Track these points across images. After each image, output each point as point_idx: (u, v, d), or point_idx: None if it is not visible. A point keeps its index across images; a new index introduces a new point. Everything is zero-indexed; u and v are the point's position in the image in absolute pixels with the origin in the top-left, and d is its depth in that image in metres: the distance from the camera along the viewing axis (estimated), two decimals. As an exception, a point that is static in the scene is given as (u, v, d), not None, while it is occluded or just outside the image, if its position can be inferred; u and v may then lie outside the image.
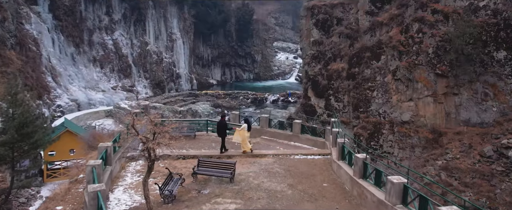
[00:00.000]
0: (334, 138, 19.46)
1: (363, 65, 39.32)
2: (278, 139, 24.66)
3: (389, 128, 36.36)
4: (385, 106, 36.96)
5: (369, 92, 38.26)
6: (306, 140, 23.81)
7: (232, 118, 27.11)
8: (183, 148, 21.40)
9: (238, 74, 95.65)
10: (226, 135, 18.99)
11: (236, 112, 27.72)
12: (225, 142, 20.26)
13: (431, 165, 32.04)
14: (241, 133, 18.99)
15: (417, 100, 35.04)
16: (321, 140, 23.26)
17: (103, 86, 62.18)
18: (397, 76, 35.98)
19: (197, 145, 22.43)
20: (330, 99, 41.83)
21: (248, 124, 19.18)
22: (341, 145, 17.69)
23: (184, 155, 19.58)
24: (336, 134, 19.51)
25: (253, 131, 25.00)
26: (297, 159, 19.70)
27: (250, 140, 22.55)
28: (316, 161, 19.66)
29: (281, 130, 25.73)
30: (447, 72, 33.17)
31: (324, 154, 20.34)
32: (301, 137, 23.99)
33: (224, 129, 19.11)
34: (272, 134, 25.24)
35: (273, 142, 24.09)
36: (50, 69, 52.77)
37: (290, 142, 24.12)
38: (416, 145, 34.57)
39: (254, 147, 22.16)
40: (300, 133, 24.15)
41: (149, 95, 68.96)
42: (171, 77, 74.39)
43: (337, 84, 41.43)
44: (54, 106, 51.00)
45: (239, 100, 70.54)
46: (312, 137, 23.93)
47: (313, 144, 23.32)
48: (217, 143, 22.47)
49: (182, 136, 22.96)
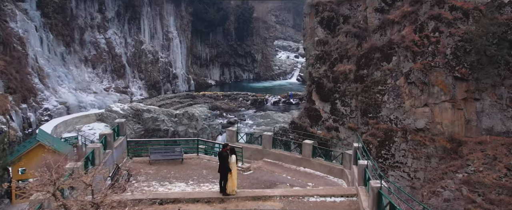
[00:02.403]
0: (362, 173, 14.82)
1: (372, 67, 36.27)
2: (284, 163, 20.76)
3: (402, 135, 33.35)
4: (397, 111, 33.93)
5: (379, 96, 35.24)
6: (319, 165, 19.90)
7: (229, 135, 23.31)
8: (165, 178, 17.80)
9: (237, 74, 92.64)
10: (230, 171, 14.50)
11: (233, 128, 23.94)
12: None
13: (450, 177, 29.03)
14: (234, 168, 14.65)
15: (433, 106, 32.04)
16: (338, 167, 19.31)
17: (95, 88, 59.03)
18: (410, 79, 32.95)
19: (184, 173, 18.56)
20: (336, 103, 38.77)
21: (234, 153, 14.83)
22: (376, 191, 12.37)
23: (162, 198, 14.49)
24: (365, 169, 14.64)
25: (255, 152, 21.90)
26: (313, 203, 14.74)
27: (249, 165, 19.39)
28: (339, 207, 14.76)
29: (287, 152, 21.73)
30: (467, 75, 30.16)
31: (349, 195, 15.25)
32: (312, 161, 20.13)
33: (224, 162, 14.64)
34: (276, 156, 21.34)
35: (278, 167, 20.29)
36: (37, 70, 49.64)
37: (299, 167, 20.29)
38: (432, 155, 31.55)
39: (254, 173, 18.96)
40: (312, 156, 20.25)
41: (144, 97, 65.85)
42: (167, 78, 71.32)
43: (344, 87, 38.37)
44: (41, 109, 47.83)
45: (238, 102, 67.54)
46: (327, 163, 19.96)
47: (329, 172, 19.45)
48: (210, 169, 18.89)
49: (166, 159, 19.69)
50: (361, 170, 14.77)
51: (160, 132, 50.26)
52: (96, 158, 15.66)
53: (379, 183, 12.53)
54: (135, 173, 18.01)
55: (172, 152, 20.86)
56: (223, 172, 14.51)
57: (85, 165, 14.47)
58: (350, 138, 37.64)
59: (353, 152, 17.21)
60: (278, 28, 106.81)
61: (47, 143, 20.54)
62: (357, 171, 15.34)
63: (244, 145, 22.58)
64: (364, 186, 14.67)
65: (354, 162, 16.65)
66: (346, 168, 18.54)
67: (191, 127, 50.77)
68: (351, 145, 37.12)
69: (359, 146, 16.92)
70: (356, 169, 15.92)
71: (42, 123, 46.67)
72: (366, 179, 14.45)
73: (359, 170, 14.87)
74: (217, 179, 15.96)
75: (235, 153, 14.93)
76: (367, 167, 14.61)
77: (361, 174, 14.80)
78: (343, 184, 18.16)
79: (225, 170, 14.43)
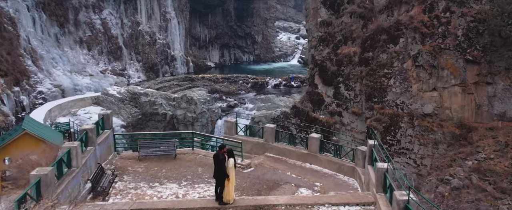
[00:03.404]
0: (381, 178, 12.81)
1: (378, 49, 34.62)
2: (289, 159, 19.09)
3: (408, 121, 32.02)
4: (404, 96, 32.50)
5: (385, 80, 33.74)
6: (327, 162, 18.17)
7: (227, 126, 21.18)
8: (155, 178, 15.93)
9: (237, 56, 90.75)
10: (228, 177, 12.41)
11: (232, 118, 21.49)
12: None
13: (459, 165, 27.81)
14: (231, 173, 12.62)
15: (441, 90, 30.60)
16: (348, 164, 17.54)
17: (91, 70, 57.42)
18: (418, 62, 31.40)
19: (177, 172, 16.67)
20: (339, 87, 37.29)
21: (232, 156, 12.74)
22: (402, 205, 10.71)
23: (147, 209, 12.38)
24: (385, 173, 12.66)
25: (256, 146, 20.15)
26: (326, 214, 12.90)
27: (250, 161, 17.87)
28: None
29: (292, 146, 19.72)
30: (479, 58, 28.62)
31: (365, 204, 13.20)
32: (320, 157, 18.43)
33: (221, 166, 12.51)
34: (279, 150, 19.60)
35: (281, 163, 18.53)
36: (29, 51, 47.96)
37: (305, 163, 18.61)
38: (440, 141, 30.30)
39: (256, 170, 17.31)
40: (319, 151, 18.53)
41: (142, 79, 64.29)
42: (165, 60, 69.59)
43: (348, 70, 36.82)
44: (34, 93, 46.43)
45: (238, 85, 65.99)
46: (336, 159, 18.11)
47: (338, 169, 17.70)
48: (206, 166, 17.04)
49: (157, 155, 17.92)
50: (380, 175, 12.80)
51: (158, 116, 49.01)
52: (73, 159, 13.76)
53: (406, 195, 10.71)
54: (121, 172, 16.42)
55: (164, 146, 19.03)
56: (220, 177, 12.53)
57: (58, 169, 12.66)
58: (353, 123, 36.37)
59: (368, 150, 15.29)
60: (279, 8, 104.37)
61: (34, 132, 19.04)
62: (374, 175, 13.50)
63: (244, 138, 20.85)
64: (383, 193, 12.86)
65: (369, 162, 14.90)
66: (358, 166, 16.79)
67: (189, 111, 49.46)
68: (355, 130, 36.00)
69: (375, 143, 14.96)
70: (372, 171, 14.24)
71: (36, 106, 45.41)
72: (386, 186, 12.59)
73: (378, 175, 12.90)
74: (213, 179, 13.94)
75: (234, 155, 12.92)
76: (387, 171, 12.71)
77: (380, 179, 12.87)
78: (355, 184, 16.60)
79: (222, 176, 12.45)
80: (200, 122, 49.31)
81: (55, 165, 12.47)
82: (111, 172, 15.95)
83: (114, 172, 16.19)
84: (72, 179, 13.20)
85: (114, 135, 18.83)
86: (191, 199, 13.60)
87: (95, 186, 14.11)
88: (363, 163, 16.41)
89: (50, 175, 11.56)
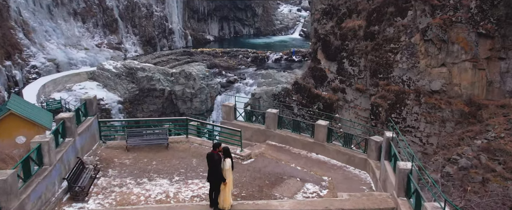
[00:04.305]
0: (403, 181, 11.04)
1: (384, 22, 32.99)
2: (293, 148, 17.47)
3: (415, 98, 30.82)
4: (411, 72, 31.16)
5: (391, 55, 32.31)
6: (336, 153, 16.48)
7: (225, 111, 19.39)
8: (143, 172, 14.17)
9: (237, 29, 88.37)
10: (224, 180, 10.79)
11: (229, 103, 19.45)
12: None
13: (467, 144, 26.79)
14: (229, 176, 10.95)
15: (451, 66, 29.25)
16: (359, 155, 15.86)
17: (86, 44, 55.61)
18: (427, 36, 29.88)
19: (168, 164, 14.97)
20: (343, 63, 35.85)
21: (229, 156, 11.01)
22: None
23: None
24: (408, 176, 10.93)
25: (256, 133, 18.57)
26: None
27: (250, 151, 16.33)
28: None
29: (296, 134, 17.94)
30: (493, 31, 27.10)
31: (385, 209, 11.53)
32: (327, 146, 16.73)
33: (216, 168, 10.82)
34: (282, 138, 17.91)
35: (284, 153, 16.94)
36: (21, 24, 46.09)
37: (311, 153, 17.01)
38: (447, 119, 29.19)
39: (256, 161, 15.80)
40: (326, 140, 16.85)
41: (139, 53, 62.48)
42: (163, 33, 67.54)
43: (352, 45, 35.29)
44: (27, 67, 44.90)
45: (238, 60, 64.32)
46: (346, 149, 16.38)
47: (348, 161, 16.11)
48: (201, 157, 15.20)
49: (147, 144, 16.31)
50: (403, 177, 11.00)
51: (155, 91, 47.74)
52: (45, 155, 11.79)
53: (439, 207, 9.11)
54: (106, 165, 14.79)
55: (155, 134, 17.37)
56: (214, 181, 10.85)
57: (25, 169, 10.77)
58: (357, 100, 35.16)
59: (385, 143, 13.49)
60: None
61: (20, 112, 17.78)
62: (395, 176, 11.79)
63: (243, 123, 19.16)
64: (406, 198, 11.16)
65: (387, 157, 13.36)
66: (370, 158, 15.22)
67: (188, 87, 48.14)
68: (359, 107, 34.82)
69: (394, 136, 13.18)
70: (390, 168, 12.67)
71: (30, 81, 44.06)
72: (410, 191, 10.90)
73: (400, 176, 11.08)
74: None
75: (231, 155, 11.14)
76: (411, 172, 10.99)
77: (402, 182, 11.10)
78: (367, 179, 15.12)
79: (217, 179, 10.77)
80: (199, 98, 48.09)
81: (21, 165, 10.68)
82: (92, 167, 14.22)
83: (97, 166, 14.45)
84: (43, 179, 11.26)
85: (99, 121, 17.12)
86: (181, 205, 11.78)
87: (72, 185, 12.31)
88: (377, 155, 14.87)
89: (11, 180, 9.60)
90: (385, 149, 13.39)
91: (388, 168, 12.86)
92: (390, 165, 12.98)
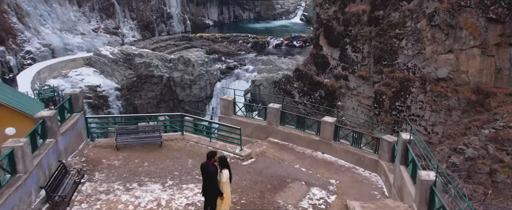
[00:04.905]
0: (426, 193, 9.76)
1: (389, 7, 31.83)
2: (297, 146, 16.31)
3: (420, 85, 29.90)
4: (416, 58, 30.16)
5: (396, 41, 31.25)
6: (344, 152, 15.29)
7: (224, 105, 18.05)
8: (134, 176, 12.97)
9: (237, 14, 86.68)
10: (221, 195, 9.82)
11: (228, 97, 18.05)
12: None
13: (474, 133, 25.97)
14: (226, 190, 10.02)
15: (458, 53, 28.22)
16: (370, 156, 14.63)
17: (82, 29, 54.29)
18: (434, 21, 28.78)
19: (162, 166, 13.75)
20: (346, 49, 34.76)
21: (227, 167, 10.00)
22: None
23: None
24: (432, 189, 9.62)
25: (257, 129, 17.44)
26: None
27: (250, 150, 15.26)
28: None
29: (300, 131, 16.73)
30: (504, 16, 26.01)
31: None
32: (334, 145, 15.54)
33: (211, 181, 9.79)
34: (285, 135, 16.75)
35: (288, 152, 15.81)
36: (14, 7, 44.79)
37: (316, 152, 15.85)
38: (454, 107, 28.33)
39: (257, 161, 14.67)
40: (334, 138, 15.67)
41: (137, 38, 61.19)
42: (161, 18, 66.10)
43: (355, 30, 34.15)
44: (22, 52, 43.79)
45: (238, 45, 63.02)
46: (355, 149, 15.15)
47: (357, 161, 14.92)
48: (198, 158, 14.18)
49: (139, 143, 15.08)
50: (426, 189, 9.73)
51: (154, 78, 46.72)
52: (18, 162, 10.44)
53: None
54: (92, 167, 13.53)
55: (148, 132, 15.91)
56: (210, 194, 9.73)
57: None
58: (360, 88, 34.21)
59: (401, 147, 12.10)
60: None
61: (8, 102, 16.83)
62: (415, 189, 10.41)
63: (243, 119, 18.00)
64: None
65: (403, 161, 12.08)
66: (382, 160, 14.02)
67: (187, 73, 47.11)
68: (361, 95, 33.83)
69: (410, 138, 11.76)
70: (406, 175, 11.42)
71: (25, 67, 43.06)
72: (435, 206, 9.50)
73: (422, 189, 9.80)
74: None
75: (228, 165, 10.03)
76: (435, 184, 9.56)
77: (424, 194, 9.79)
78: (379, 182, 13.86)
79: (213, 193, 9.65)
80: (198, 85, 47.11)
81: None
82: (76, 171, 12.75)
83: (81, 171, 13.04)
84: (16, 190, 9.99)
85: (86, 118, 15.79)
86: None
87: (51, 195, 11.03)
88: (389, 156, 13.69)
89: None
90: (401, 152, 12.07)
91: (404, 174, 11.60)
92: (407, 171, 11.69)
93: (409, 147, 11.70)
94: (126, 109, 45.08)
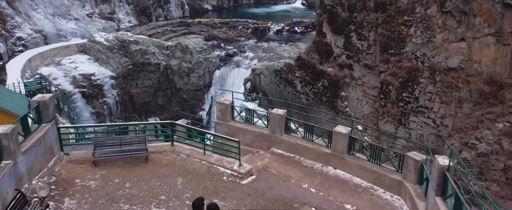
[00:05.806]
0: None
1: (398, -9, 30.02)
2: (304, 159, 14.43)
3: (429, 75, 28.39)
4: (425, 47, 28.56)
5: (404, 28, 29.62)
6: (360, 169, 13.40)
7: (220, 110, 15.93)
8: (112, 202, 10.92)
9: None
10: None
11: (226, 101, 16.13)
12: None
13: (487, 127, 24.59)
14: None
15: (471, 41, 26.61)
16: (392, 175, 12.74)
17: (76, 14, 52.38)
18: (446, 7, 27.10)
19: (146, 187, 11.79)
20: (351, 36, 33.11)
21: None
22: None
23: None
24: None
25: (258, 138, 15.56)
26: None
27: (251, 166, 13.39)
28: None
29: (308, 142, 14.79)
30: (522, 3, 24.25)
31: None
32: (348, 160, 13.65)
33: None
34: (291, 146, 14.81)
35: (294, 166, 13.92)
36: (3, -8, 43.04)
37: (327, 167, 14.02)
38: (465, 99, 26.87)
39: (258, 180, 12.68)
40: (347, 152, 13.79)
41: (133, 24, 59.30)
42: (158, 3, 64.02)
43: (361, 17, 32.44)
44: (12, 39, 42.06)
45: (237, 31, 61.17)
46: (373, 166, 13.23)
47: (375, 181, 13.02)
48: (190, 176, 12.46)
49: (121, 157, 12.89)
50: None
51: (150, 66, 45.10)
52: None
53: None
54: (62, 191, 11.19)
55: (132, 144, 13.60)
56: None
57: None
58: (365, 77, 32.68)
59: (437, 174, 10.14)
60: None
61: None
62: None
63: (242, 126, 16.06)
64: None
65: (439, 193, 10.14)
66: (407, 181, 12.19)
67: (185, 61, 45.48)
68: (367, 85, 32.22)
69: (450, 165, 9.92)
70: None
71: (16, 54, 41.43)
72: None
73: None
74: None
75: None
76: None
77: None
78: (404, 208, 12.01)
79: None
80: (196, 73, 45.53)
81: None
82: (39, 200, 10.23)
83: (45, 199, 10.48)
84: None
85: (58, 128, 13.45)
86: None
87: None
88: (417, 177, 11.88)
89: None
90: (437, 180, 10.16)
91: (441, 208, 9.81)
92: (446, 206, 9.79)
93: (449, 176, 9.72)
94: (122, 98, 43.60)
